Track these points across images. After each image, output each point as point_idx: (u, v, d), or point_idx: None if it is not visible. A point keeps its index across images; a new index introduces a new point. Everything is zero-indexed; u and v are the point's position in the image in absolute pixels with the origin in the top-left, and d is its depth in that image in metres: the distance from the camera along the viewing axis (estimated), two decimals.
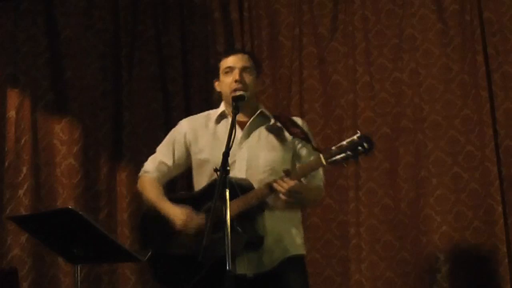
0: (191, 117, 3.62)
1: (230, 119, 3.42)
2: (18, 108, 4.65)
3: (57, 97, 4.76)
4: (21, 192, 4.55)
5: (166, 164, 3.53)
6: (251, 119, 3.43)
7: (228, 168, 2.93)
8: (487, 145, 4.50)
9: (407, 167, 4.67)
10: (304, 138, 3.35)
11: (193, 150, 3.48)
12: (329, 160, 3.16)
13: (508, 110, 4.54)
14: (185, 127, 3.54)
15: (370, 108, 4.77)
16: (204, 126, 3.50)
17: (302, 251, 3.44)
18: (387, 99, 4.78)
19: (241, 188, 3.21)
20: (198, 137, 3.48)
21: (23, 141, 4.62)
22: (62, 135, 4.72)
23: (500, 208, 4.42)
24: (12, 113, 4.63)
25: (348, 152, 3.14)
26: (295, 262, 3.37)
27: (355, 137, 3.17)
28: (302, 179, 3.30)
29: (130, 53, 4.97)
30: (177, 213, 3.35)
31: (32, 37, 4.74)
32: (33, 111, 4.68)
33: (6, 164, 4.58)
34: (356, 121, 4.77)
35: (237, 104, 3.24)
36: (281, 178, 3.18)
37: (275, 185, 3.19)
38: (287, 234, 3.38)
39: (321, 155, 3.16)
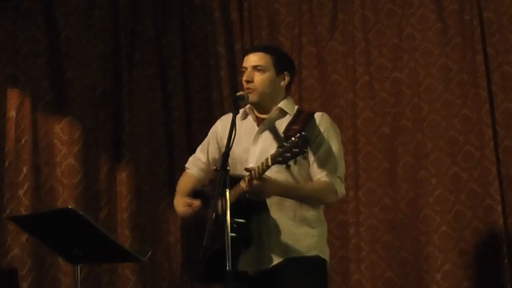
0: (228, 114, 3.61)
1: (252, 116, 3.46)
2: (18, 108, 4.65)
3: (57, 97, 4.76)
4: (21, 192, 4.55)
5: (201, 161, 3.62)
6: (268, 116, 3.41)
7: (228, 168, 2.94)
8: (486, 145, 4.50)
9: (407, 167, 4.67)
10: (290, 137, 3.23)
11: (223, 145, 3.46)
12: (273, 160, 3.06)
13: (507, 110, 4.55)
14: (218, 124, 3.59)
15: (369, 108, 4.78)
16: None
17: (313, 252, 3.34)
18: (386, 99, 4.78)
19: (232, 183, 3.19)
20: (227, 133, 3.46)
21: (23, 141, 4.62)
22: (62, 135, 4.72)
23: (499, 208, 4.43)
24: (12, 113, 4.63)
25: (287, 154, 3.02)
26: (301, 263, 3.29)
27: (295, 138, 3.01)
28: (289, 178, 3.29)
29: (130, 53, 4.97)
30: (178, 204, 3.50)
31: (32, 37, 4.74)
32: (33, 111, 4.68)
33: (6, 164, 4.58)
34: (356, 120, 4.77)
35: (237, 103, 3.26)
36: (246, 176, 3.15)
37: (240, 183, 3.17)
38: (294, 234, 3.32)
39: (269, 156, 3.08)
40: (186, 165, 3.70)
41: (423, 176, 4.61)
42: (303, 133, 3.02)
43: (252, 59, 3.40)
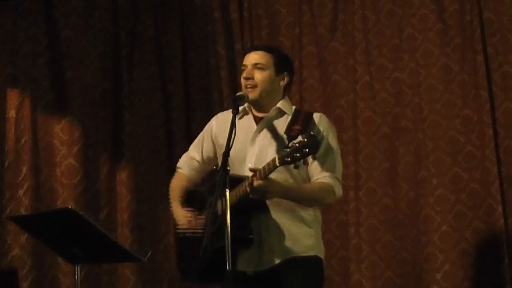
0: (222, 112, 3.61)
1: (251, 115, 3.43)
2: (18, 108, 4.65)
3: (57, 97, 4.77)
4: (21, 192, 4.55)
5: (195, 159, 3.58)
6: (266, 115, 3.40)
7: (228, 168, 2.93)
8: (487, 145, 4.50)
9: (407, 167, 4.67)
10: (293, 137, 3.23)
11: (218, 144, 3.48)
12: (281, 161, 3.04)
13: (508, 110, 4.54)
14: (213, 122, 3.56)
15: (370, 108, 4.78)
16: (230, 120, 3.48)
17: (312, 252, 3.33)
18: (387, 99, 4.78)
19: (232, 183, 3.18)
20: (224, 131, 3.40)
21: (23, 141, 4.62)
22: (62, 135, 4.72)
23: (500, 208, 4.42)
24: (12, 113, 4.63)
25: (296, 154, 3.00)
26: (300, 264, 3.29)
27: (303, 138, 3.01)
28: (289, 178, 3.27)
29: (130, 53, 4.98)
30: (179, 216, 3.44)
31: (32, 37, 4.75)
32: (33, 111, 4.68)
33: (6, 164, 4.59)
34: (356, 121, 4.77)
35: (237, 103, 3.23)
36: (250, 177, 3.13)
37: (243, 183, 3.16)
38: (293, 234, 3.31)
39: (276, 156, 3.07)
40: (178, 165, 3.66)
41: (424, 176, 4.61)
42: (311, 132, 3.02)
43: (253, 57, 3.40)
